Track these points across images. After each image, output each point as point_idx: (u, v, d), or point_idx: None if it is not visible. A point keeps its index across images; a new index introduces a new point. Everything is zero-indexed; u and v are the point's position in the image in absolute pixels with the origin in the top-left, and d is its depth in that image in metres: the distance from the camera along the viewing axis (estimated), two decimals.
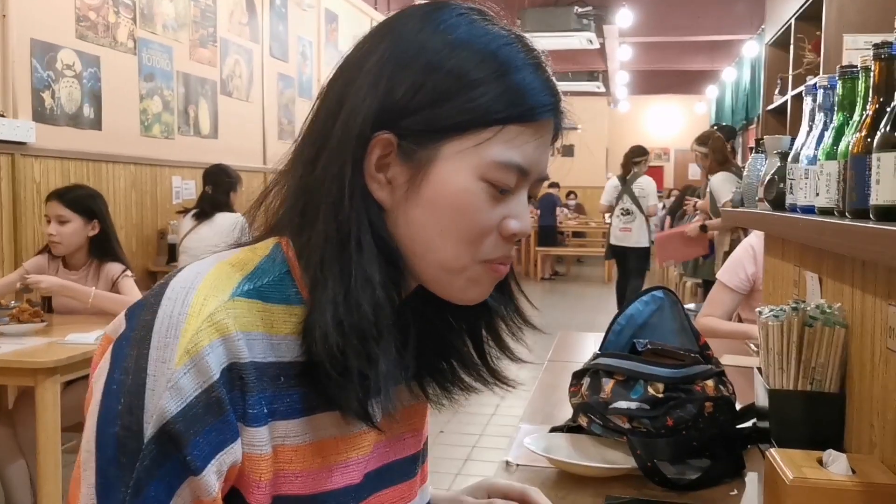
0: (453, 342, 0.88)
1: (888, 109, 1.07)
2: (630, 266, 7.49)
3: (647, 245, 7.36)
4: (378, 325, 0.73)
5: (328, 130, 0.77)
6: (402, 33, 0.77)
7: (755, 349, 2.36)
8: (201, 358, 0.67)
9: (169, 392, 0.66)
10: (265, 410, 0.71)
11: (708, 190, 5.48)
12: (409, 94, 0.74)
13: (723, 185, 5.16)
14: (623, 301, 6.95)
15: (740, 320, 2.94)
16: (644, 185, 7.39)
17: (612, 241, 7.48)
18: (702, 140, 5.48)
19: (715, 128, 6.29)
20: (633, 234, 7.29)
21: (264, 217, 0.82)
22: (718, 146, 5.36)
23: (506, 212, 0.77)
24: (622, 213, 7.35)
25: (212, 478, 0.68)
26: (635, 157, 7.42)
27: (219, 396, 0.68)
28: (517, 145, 0.76)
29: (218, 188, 4.53)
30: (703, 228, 5.41)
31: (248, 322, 0.71)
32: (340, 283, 0.73)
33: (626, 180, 7.39)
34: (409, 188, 0.76)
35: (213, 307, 0.70)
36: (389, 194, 0.77)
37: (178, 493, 0.67)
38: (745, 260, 2.78)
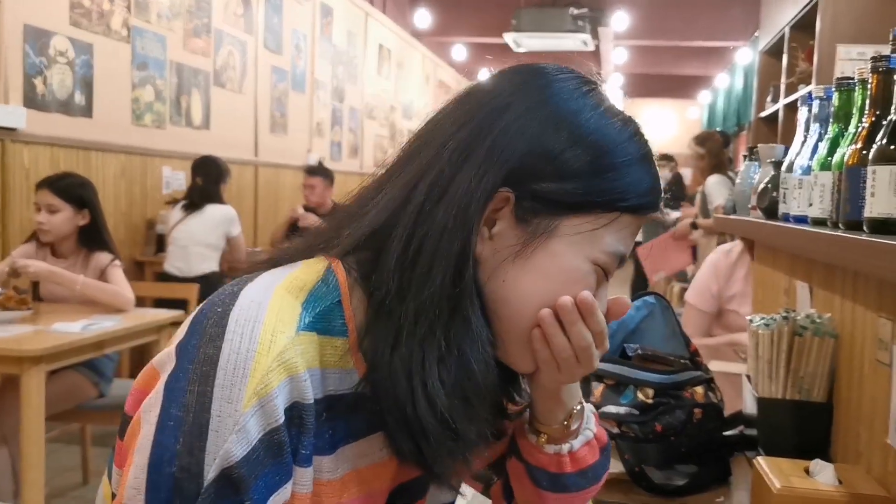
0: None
1: (885, 122, 1.08)
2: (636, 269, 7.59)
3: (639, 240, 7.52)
4: (488, 386, 0.72)
5: (459, 165, 0.74)
6: (548, 96, 0.76)
7: (742, 356, 2.37)
8: (270, 400, 0.65)
9: (235, 435, 0.64)
10: (311, 450, 0.69)
11: (700, 191, 5.46)
12: (546, 156, 0.74)
13: (717, 188, 5.14)
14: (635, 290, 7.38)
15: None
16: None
17: None
18: (701, 139, 5.44)
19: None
20: None
21: (331, 230, 0.79)
22: (716, 148, 5.35)
23: (596, 294, 0.77)
24: None
25: None
26: (660, 161, 7.42)
27: (281, 440, 0.66)
28: (625, 236, 0.77)
29: (208, 180, 4.51)
30: (694, 226, 5.41)
31: (311, 359, 0.69)
32: (444, 339, 0.71)
33: None
34: (519, 252, 0.74)
35: (283, 345, 0.67)
36: (490, 250, 0.75)
37: None
38: (709, 279, 2.79)
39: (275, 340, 0.67)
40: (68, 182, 3.24)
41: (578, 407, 0.87)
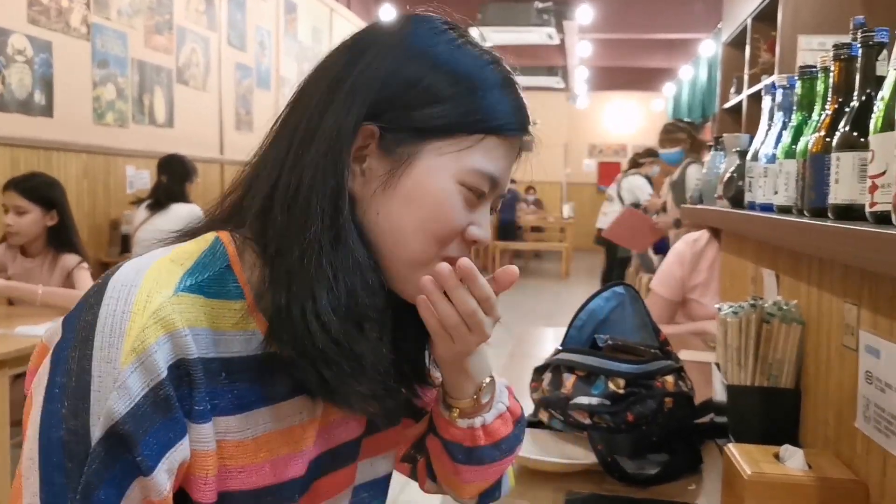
0: (404, 342, 0.86)
1: (847, 109, 1.09)
2: (617, 253, 7.70)
3: None
4: (374, 310, 0.75)
5: (321, 114, 0.77)
6: (404, 35, 0.79)
7: (711, 344, 2.39)
8: (148, 356, 0.67)
9: (116, 392, 0.65)
10: (208, 406, 0.71)
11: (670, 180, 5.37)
12: (403, 87, 0.76)
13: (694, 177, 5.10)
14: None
15: None
16: (633, 185, 7.64)
17: (598, 224, 7.89)
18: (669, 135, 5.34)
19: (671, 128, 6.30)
20: (608, 217, 7.54)
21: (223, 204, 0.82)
22: (694, 133, 5.34)
23: (473, 219, 0.80)
24: (608, 200, 7.83)
25: (162, 476, 0.67)
26: (641, 159, 7.79)
27: (167, 394, 0.67)
28: (494, 157, 0.79)
29: (173, 178, 4.46)
30: (678, 224, 5.36)
31: (193, 317, 0.70)
32: (331, 270, 0.73)
33: (625, 174, 7.79)
34: (388, 182, 0.77)
35: (158, 303, 0.69)
36: (362, 185, 0.78)
37: (128, 495, 0.66)
38: (674, 266, 2.81)
39: (150, 300, 0.69)
40: (36, 182, 3.18)
41: (488, 380, 0.89)
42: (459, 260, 0.78)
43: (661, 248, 5.61)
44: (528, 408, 1.53)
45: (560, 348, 1.48)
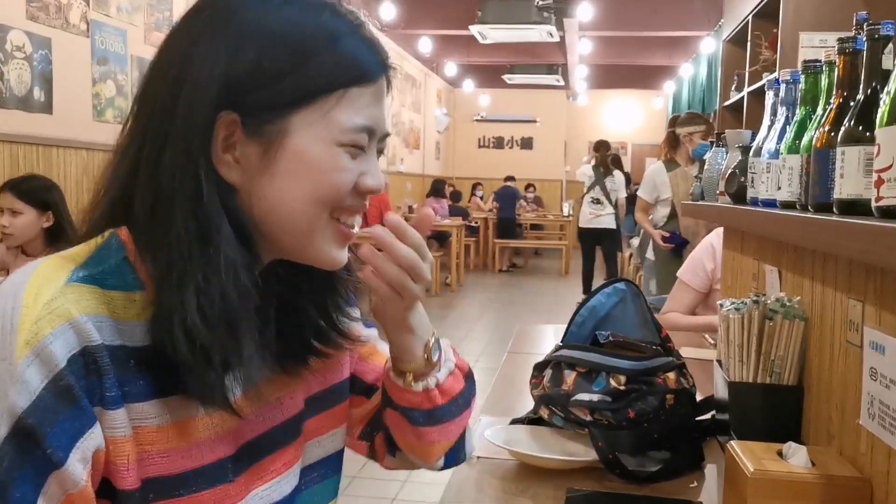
0: (304, 314, 0.89)
1: (852, 104, 1.08)
2: (607, 247, 8.24)
3: (615, 227, 8.09)
4: (246, 311, 0.74)
5: (169, 117, 0.76)
6: (231, 15, 0.78)
7: (712, 342, 2.38)
8: (43, 347, 0.66)
9: (15, 388, 0.65)
10: (119, 393, 0.71)
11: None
12: (249, 71, 0.75)
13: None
14: (590, 285, 8.01)
15: None
16: (620, 180, 8.24)
17: (582, 225, 8.21)
18: (697, 118, 4.99)
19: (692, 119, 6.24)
20: (604, 219, 8.02)
21: (96, 210, 0.81)
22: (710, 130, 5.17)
23: (360, 170, 0.81)
24: (592, 202, 8.10)
25: (77, 467, 0.67)
26: (609, 152, 8.25)
27: (68, 384, 0.67)
28: (361, 107, 0.79)
29: None
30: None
31: (90, 306, 0.70)
32: (202, 272, 0.73)
33: (601, 173, 8.13)
34: (263, 164, 0.77)
35: (49, 294, 0.69)
36: (240, 174, 0.77)
37: (46, 492, 0.66)
38: (704, 258, 2.81)
39: (40, 293, 0.69)
40: (31, 185, 3.18)
41: (433, 339, 0.92)
42: (387, 217, 0.81)
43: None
44: (529, 405, 1.52)
45: (561, 345, 1.47)
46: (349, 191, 0.80)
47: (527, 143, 16.39)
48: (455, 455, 0.99)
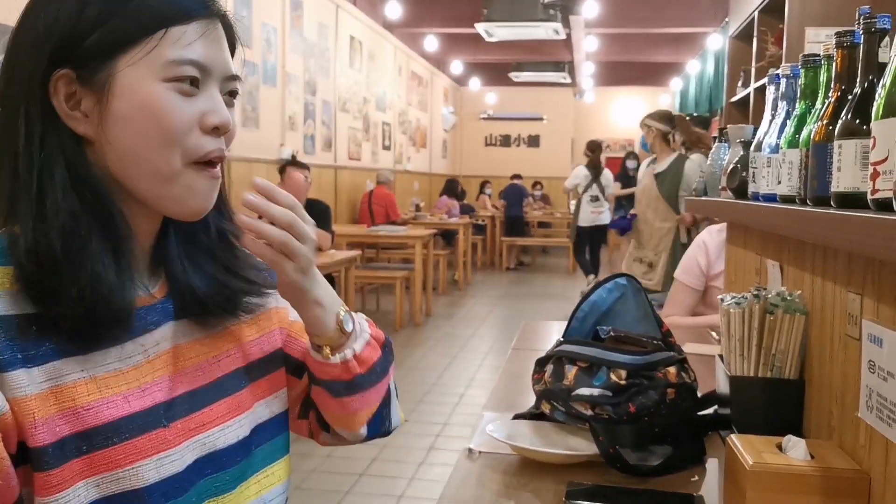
0: (203, 268, 0.92)
1: (850, 97, 1.08)
2: (597, 240, 9.23)
3: (608, 223, 8.95)
4: (67, 248, 0.77)
5: (9, 79, 0.81)
6: None
7: (716, 338, 2.38)
8: None
9: None
10: (18, 356, 0.74)
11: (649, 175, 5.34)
12: (72, 23, 0.79)
13: (697, 170, 5.05)
14: (589, 265, 9.36)
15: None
16: (609, 176, 9.12)
17: (583, 224, 8.92)
18: (664, 115, 5.29)
19: (688, 118, 6.29)
20: (603, 216, 8.89)
21: None
22: (685, 126, 5.28)
23: (201, 108, 0.83)
24: (591, 200, 8.87)
25: None
26: (599, 151, 9.07)
27: None
28: (185, 43, 0.81)
29: None
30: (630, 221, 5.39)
31: None
32: (31, 216, 0.77)
33: (597, 171, 8.91)
34: (101, 112, 0.80)
35: None
36: (89, 126, 0.81)
37: None
38: (698, 256, 2.82)
39: None
40: None
41: (344, 311, 0.95)
42: (254, 181, 0.84)
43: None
44: (532, 400, 1.53)
45: (562, 340, 1.48)
46: (189, 130, 0.82)
47: (534, 141, 16.38)
48: (379, 424, 1.04)
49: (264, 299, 0.98)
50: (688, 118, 5.38)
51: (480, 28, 9.34)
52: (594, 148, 9.11)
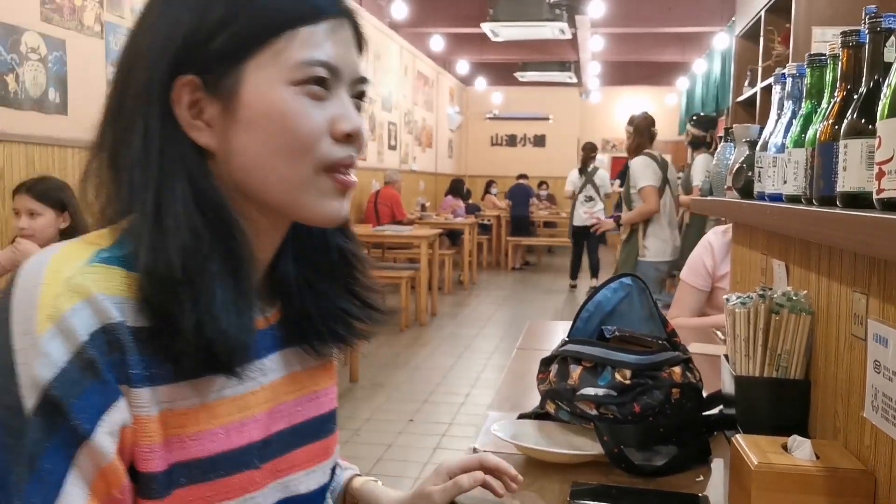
0: (326, 293, 0.89)
1: (855, 97, 1.08)
2: (594, 240, 9.46)
3: None
4: (187, 270, 0.71)
5: (124, 91, 0.77)
6: None
7: (722, 338, 2.38)
8: (63, 321, 0.66)
9: (39, 360, 0.65)
10: (146, 373, 0.70)
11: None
12: (194, 26, 0.74)
13: (641, 169, 5.17)
14: (577, 270, 10.08)
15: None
16: (603, 178, 9.56)
17: (577, 224, 9.38)
18: (631, 119, 5.43)
19: (694, 118, 6.29)
20: (597, 215, 9.04)
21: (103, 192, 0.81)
22: (643, 126, 5.34)
23: (332, 113, 0.78)
24: (586, 200, 9.37)
25: (105, 440, 0.67)
26: (592, 153, 9.52)
27: (91, 358, 0.67)
28: (315, 44, 0.76)
29: None
30: (617, 220, 5.48)
31: (111, 286, 0.70)
32: (151, 233, 0.72)
33: (587, 172, 9.42)
34: (226, 120, 0.75)
35: (69, 272, 0.69)
36: (212, 137, 0.76)
37: (76, 464, 0.66)
38: (703, 257, 2.81)
39: (60, 271, 0.69)
40: (47, 185, 3.21)
41: None
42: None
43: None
44: (536, 400, 1.53)
45: (567, 339, 1.48)
46: (320, 138, 0.77)
47: (539, 141, 16.37)
48: None
49: (374, 326, 0.94)
50: (651, 119, 5.42)
51: (486, 28, 9.33)
52: (586, 149, 9.61)
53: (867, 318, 1.12)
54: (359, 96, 0.82)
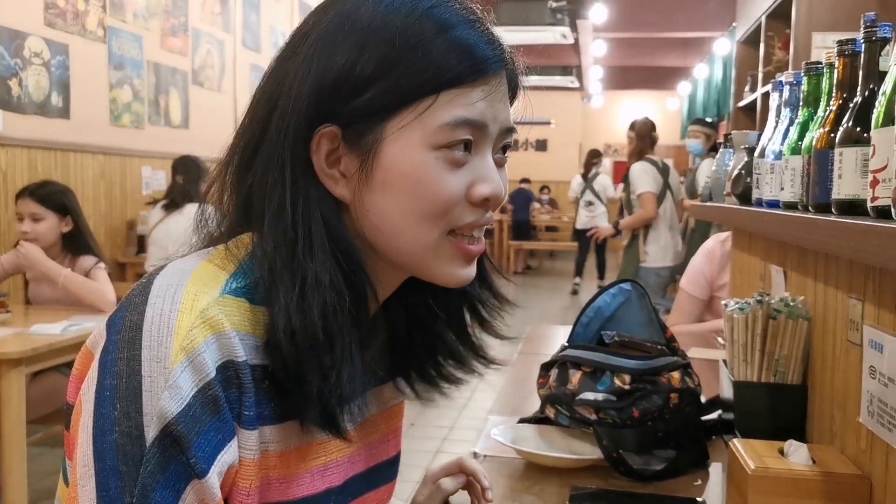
0: (439, 334, 0.87)
1: (851, 105, 1.09)
2: (597, 243, 9.93)
3: (607, 226, 9.60)
4: (328, 331, 0.69)
5: (266, 126, 0.74)
6: (336, 12, 0.74)
7: (722, 343, 2.39)
8: (197, 355, 0.64)
9: (168, 392, 0.63)
10: (256, 413, 0.68)
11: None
12: (345, 73, 0.71)
13: (640, 175, 5.18)
14: (582, 269, 10.71)
15: None
16: (604, 183, 10.06)
17: (579, 227, 10.04)
18: (632, 124, 5.42)
19: (695, 122, 6.30)
20: (597, 220, 9.74)
21: (222, 207, 0.79)
22: (643, 132, 5.35)
23: (472, 177, 0.74)
24: (586, 205, 9.91)
25: (214, 480, 0.65)
26: (594, 159, 10.12)
27: (215, 395, 0.65)
28: (462, 104, 0.72)
29: (188, 179, 4.49)
30: (615, 226, 5.49)
31: (238, 321, 0.68)
32: (290, 289, 0.69)
33: (587, 178, 10.03)
34: (362, 176, 0.72)
35: (205, 303, 0.67)
36: (346, 188, 0.73)
37: (184, 499, 0.64)
38: (703, 265, 2.81)
39: (197, 300, 0.67)
40: (49, 189, 3.23)
41: None
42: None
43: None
44: (537, 404, 1.54)
45: (566, 344, 1.49)
46: (457, 203, 0.73)
47: (541, 145, 16.38)
48: None
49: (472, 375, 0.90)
50: (651, 124, 5.43)
51: None
52: (588, 156, 10.27)
53: (863, 323, 1.13)
54: (504, 148, 0.78)
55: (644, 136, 5.32)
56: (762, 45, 4.98)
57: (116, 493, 0.63)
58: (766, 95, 4.87)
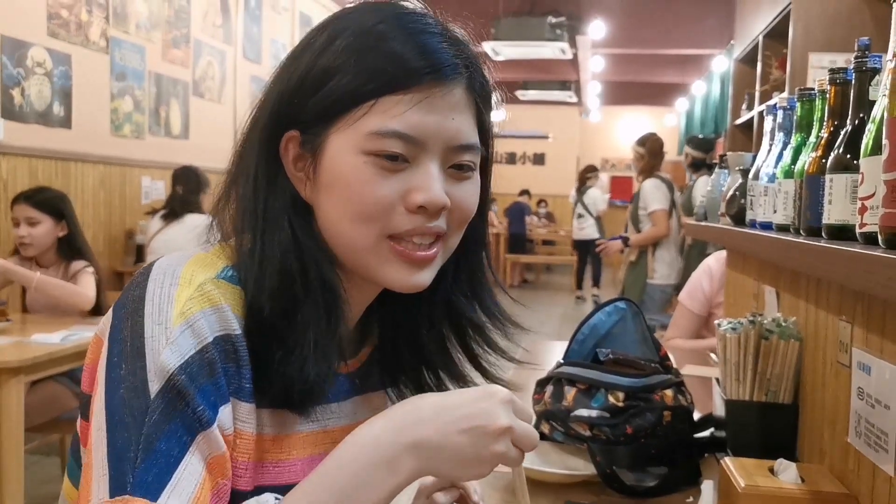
0: (424, 345, 0.90)
1: (842, 133, 1.12)
2: (594, 253, 9.87)
3: (598, 236, 10.05)
4: (281, 313, 0.74)
5: (248, 135, 0.81)
6: (311, 35, 0.81)
7: (715, 360, 2.41)
8: (196, 321, 0.69)
9: (169, 348, 0.68)
10: (252, 388, 0.73)
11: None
12: (296, 85, 0.77)
13: (652, 192, 5.21)
14: (581, 280, 11.28)
15: None
16: (593, 196, 10.54)
17: (574, 237, 10.94)
18: (641, 140, 5.46)
19: (694, 137, 6.33)
20: (586, 230, 10.46)
21: (221, 214, 0.84)
22: (655, 148, 5.39)
23: (407, 184, 0.76)
24: (577, 217, 10.65)
25: (218, 432, 0.69)
26: (588, 174, 10.68)
27: (212, 358, 0.69)
28: (395, 114, 0.75)
29: (187, 189, 4.52)
30: (625, 241, 5.50)
31: (233, 303, 0.73)
32: (261, 278, 0.75)
33: (580, 192, 10.58)
34: (313, 179, 0.78)
35: (201, 279, 0.72)
36: (310, 191, 0.79)
37: (193, 451, 0.67)
38: (703, 281, 2.83)
39: (194, 277, 0.73)
40: (46, 195, 3.26)
41: None
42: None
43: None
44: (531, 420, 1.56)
45: (562, 361, 1.51)
46: (388, 207, 0.76)
47: (539, 159, 16.43)
48: None
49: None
50: (661, 141, 5.48)
51: (488, 47, 9.39)
52: (583, 171, 10.89)
53: (852, 346, 1.16)
54: (459, 167, 0.80)
55: (656, 153, 5.36)
56: (759, 64, 5.02)
57: (124, 442, 0.66)
58: (762, 114, 4.91)
